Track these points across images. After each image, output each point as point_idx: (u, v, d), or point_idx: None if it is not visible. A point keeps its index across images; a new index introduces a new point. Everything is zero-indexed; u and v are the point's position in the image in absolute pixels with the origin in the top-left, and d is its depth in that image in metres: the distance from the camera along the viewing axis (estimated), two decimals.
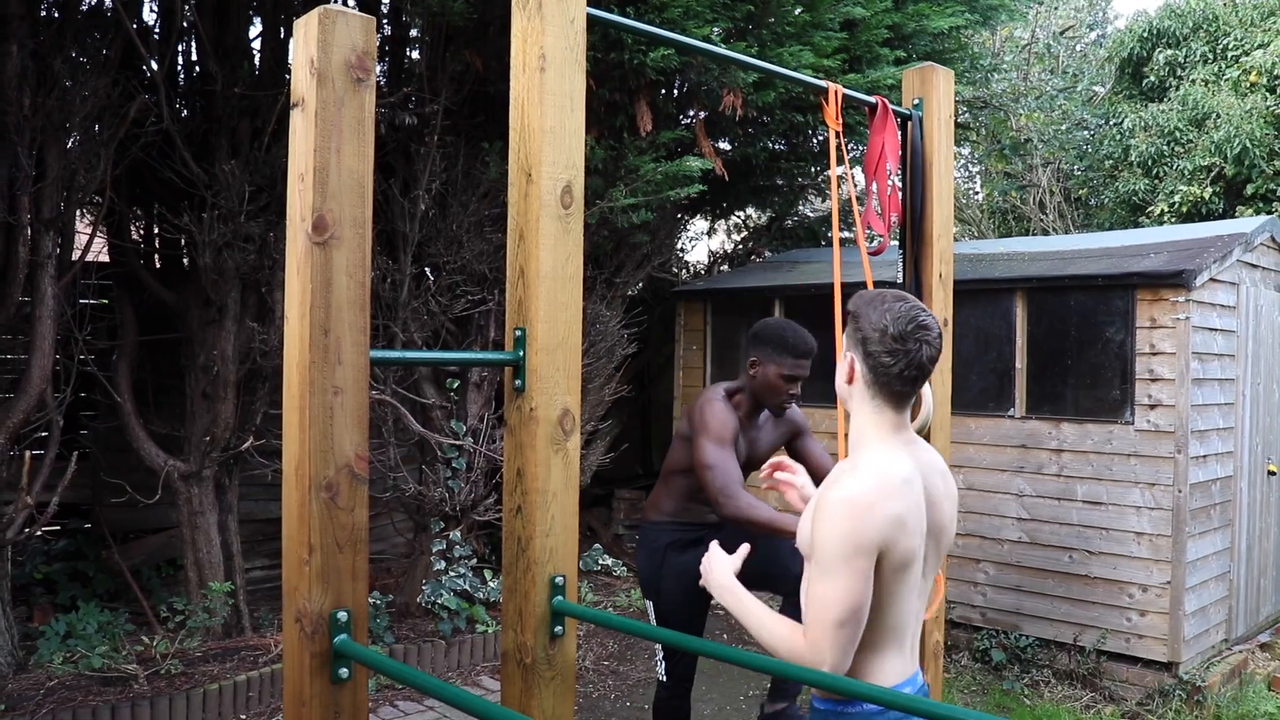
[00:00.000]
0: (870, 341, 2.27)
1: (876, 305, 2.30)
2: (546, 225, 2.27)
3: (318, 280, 2.00)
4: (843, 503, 2.16)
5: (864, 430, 2.33)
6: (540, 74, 2.27)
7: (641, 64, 6.04)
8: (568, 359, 2.32)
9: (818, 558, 2.17)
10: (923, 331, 2.26)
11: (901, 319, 2.25)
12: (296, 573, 2.05)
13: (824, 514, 2.18)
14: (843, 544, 2.13)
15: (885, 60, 7.38)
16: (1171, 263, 6.30)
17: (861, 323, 2.30)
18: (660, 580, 4.13)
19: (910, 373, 2.26)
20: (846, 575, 2.12)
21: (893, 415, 2.32)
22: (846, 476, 2.22)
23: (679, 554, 4.11)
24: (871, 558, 2.14)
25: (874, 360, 2.27)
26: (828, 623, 2.14)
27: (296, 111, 2.07)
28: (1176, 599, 6.14)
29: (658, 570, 4.14)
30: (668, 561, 4.12)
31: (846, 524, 2.13)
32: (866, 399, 2.33)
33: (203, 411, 6.43)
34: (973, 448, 6.94)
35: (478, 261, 6.66)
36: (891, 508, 2.17)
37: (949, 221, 3.92)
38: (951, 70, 3.99)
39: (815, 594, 2.17)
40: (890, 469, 2.24)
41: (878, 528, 2.14)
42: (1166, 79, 13.81)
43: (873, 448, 2.30)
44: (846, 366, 2.36)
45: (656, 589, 4.15)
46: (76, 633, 6.02)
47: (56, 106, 5.50)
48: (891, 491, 2.19)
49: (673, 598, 4.11)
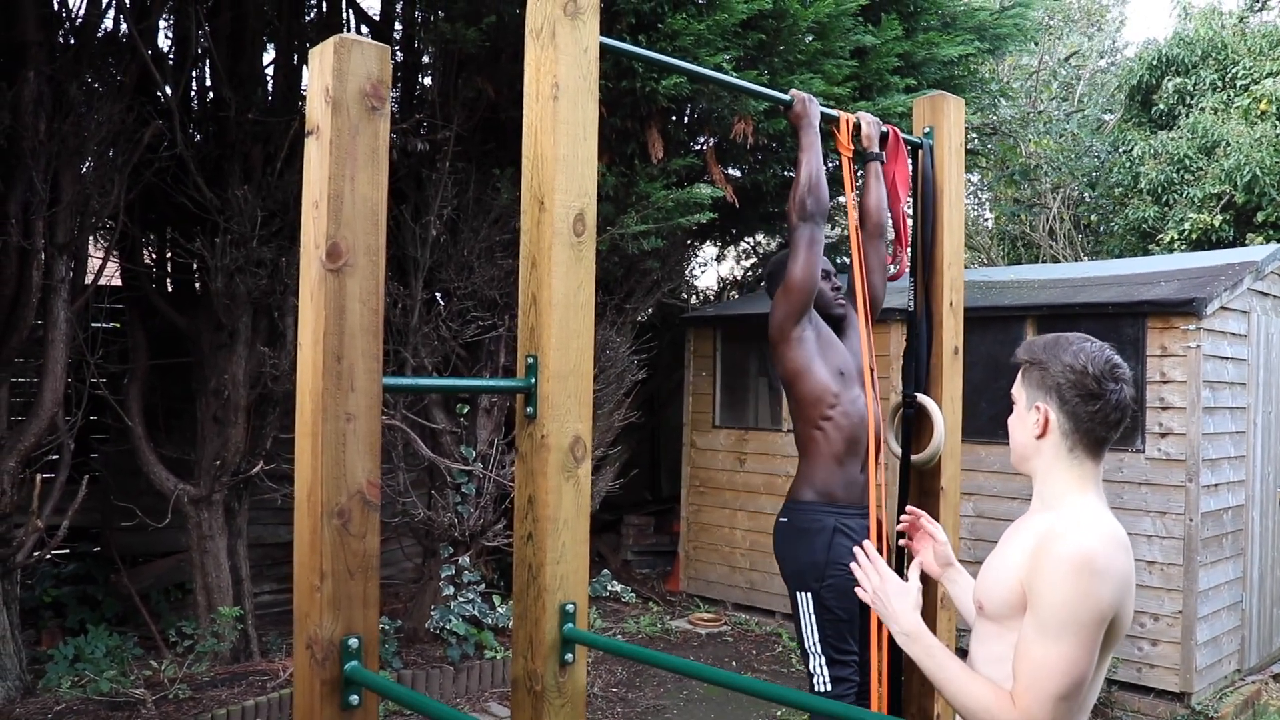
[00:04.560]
0: (1066, 387, 2.11)
1: (1065, 348, 2.14)
2: (559, 253, 2.27)
3: (331, 307, 2.01)
4: (1077, 559, 1.95)
5: (1064, 484, 2.13)
6: (553, 103, 2.28)
7: (653, 91, 6.06)
8: (579, 386, 2.32)
9: (1043, 619, 1.96)
10: (1120, 370, 2.11)
11: (1097, 359, 2.10)
12: (308, 599, 2.05)
13: (1052, 569, 1.97)
14: (1078, 608, 1.94)
15: (895, 88, 7.40)
16: (1182, 290, 6.29)
17: (1051, 369, 2.14)
18: (826, 568, 3.70)
19: (1115, 416, 2.10)
20: (1076, 643, 1.94)
21: (1092, 467, 2.13)
22: (1073, 529, 2.01)
23: (846, 539, 3.73)
24: (1104, 625, 1.97)
25: (1072, 406, 2.10)
26: (1048, 694, 1.94)
27: (311, 139, 2.08)
28: (1188, 628, 6.10)
29: (823, 556, 3.71)
30: (835, 547, 3.71)
31: (1084, 584, 1.94)
32: (1063, 452, 2.13)
33: (213, 435, 6.44)
34: (983, 475, 6.92)
35: (488, 287, 6.68)
36: (1123, 567, 2.00)
37: (960, 250, 3.93)
38: (962, 99, 4.00)
39: (1033, 659, 1.96)
40: (1113, 525, 2.06)
41: (1114, 590, 1.96)
42: (1176, 107, 13.83)
43: (1078, 499, 2.11)
44: (1041, 419, 2.15)
45: (819, 578, 3.71)
46: (85, 656, 6.02)
47: (72, 132, 5.54)
48: (1121, 549, 2.02)
49: (840, 588, 3.67)
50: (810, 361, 3.79)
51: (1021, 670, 1.99)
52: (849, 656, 3.70)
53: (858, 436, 3.80)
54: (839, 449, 3.79)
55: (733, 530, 8.53)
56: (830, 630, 3.69)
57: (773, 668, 7.18)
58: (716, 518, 8.68)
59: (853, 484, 3.81)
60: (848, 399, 3.80)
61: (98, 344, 6.26)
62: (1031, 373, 2.19)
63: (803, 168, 3.65)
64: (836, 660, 3.68)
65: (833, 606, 3.68)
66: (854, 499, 3.81)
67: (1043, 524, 2.08)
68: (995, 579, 2.14)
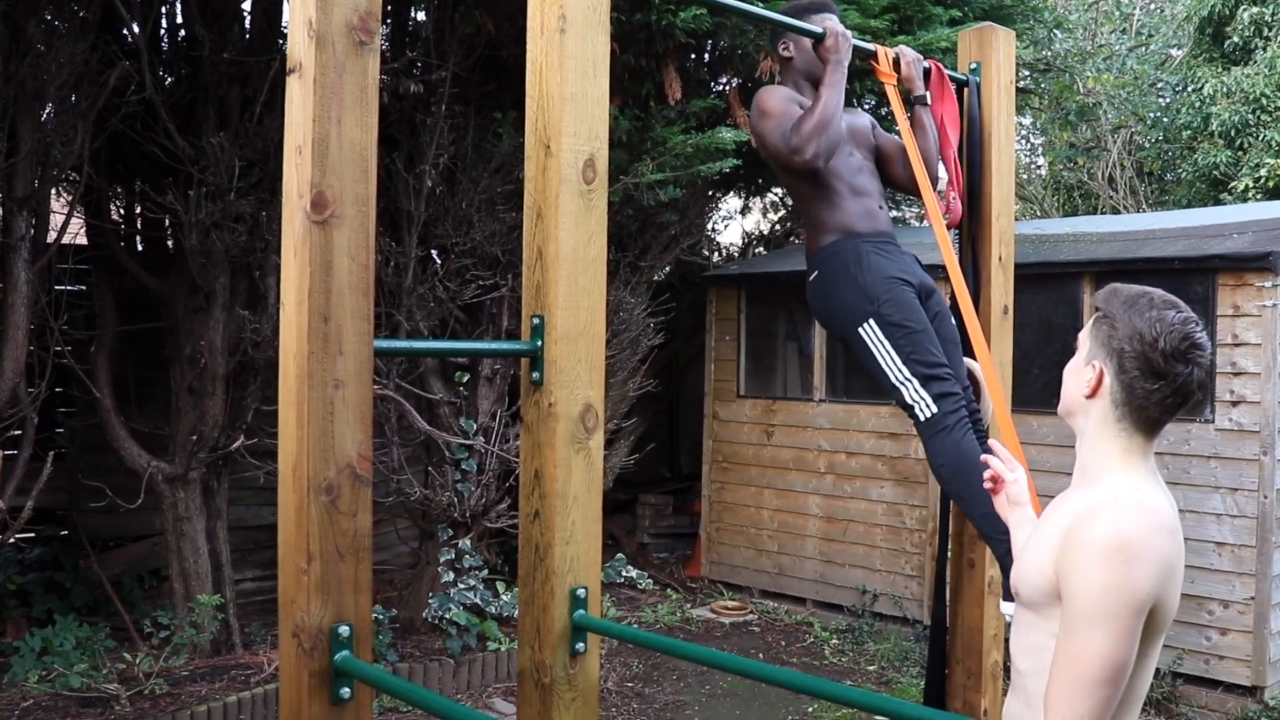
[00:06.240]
0: (1128, 355, 2.05)
1: (1142, 310, 2.06)
2: (567, 202, 2.27)
3: (317, 263, 2.01)
4: (1111, 543, 1.94)
5: (1107, 456, 2.11)
6: (560, 36, 2.27)
7: (670, 25, 6.03)
8: (590, 349, 2.32)
9: (1075, 609, 1.96)
10: (1197, 352, 2.03)
11: (1175, 333, 2.02)
12: (294, 583, 2.06)
13: (1083, 555, 1.96)
14: (1111, 596, 1.92)
15: (939, 20, 7.34)
16: (1257, 244, 6.25)
17: (1120, 328, 2.07)
18: (874, 286, 3.62)
19: (1174, 400, 2.05)
20: (1111, 632, 1.92)
21: (1142, 441, 2.10)
22: (1107, 510, 1.99)
23: (882, 257, 3.67)
24: (1141, 615, 1.94)
25: (1129, 378, 2.06)
26: (1085, 679, 1.92)
27: (293, 78, 2.08)
28: (1261, 616, 6.10)
29: (866, 277, 3.63)
30: (872, 265, 3.64)
31: (1118, 571, 1.93)
32: (1111, 421, 2.10)
33: (189, 408, 6.47)
34: (1035, 448, 6.90)
35: (489, 243, 6.67)
36: (1164, 551, 1.97)
37: (1010, 199, 3.91)
38: (1012, 31, 3.97)
39: (1068, 652, 1.96)
40: (1157, 503, 2.04)
41: (1152, 576, 1.94)
42: (1252, 40, 13.66)
43: (1120, 477, 2.08)
44: (1094, 378, 2.11)
45: (873, 299, 3.61)
46: (53, 649, 6.07)
47: (30, 74, 5.53)
48: (1163, 532, 1.99)
49: (898, 299, 3.61)
50: None
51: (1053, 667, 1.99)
52: (942, 369, 3.59)
53: (858, 184, 3.77)
54: (841, 189, 3.75)
55: (759, 510, 8.55)
56: (909, 345, 3.57)
57: (803, 659, 7.22)
58: (741, 496, 8.70)
59: (870, 215, 3.77)
60: (842, 154, 3.74)
61: (62, 308, 6.27)
62: (1101, 326, 2.13)
63: (820, 103, 3.58)
64: (930, 377, 3.56)
65: (900, 320, 3.58)
66: (878, 228, 3.77)
67: (1081, 503, 2.08)
68: (1030, 564, 2.14)
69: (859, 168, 3.81)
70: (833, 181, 3.72)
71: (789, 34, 3.80)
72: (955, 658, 3.91)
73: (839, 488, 7.89)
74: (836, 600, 7.99)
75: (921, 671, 6.23)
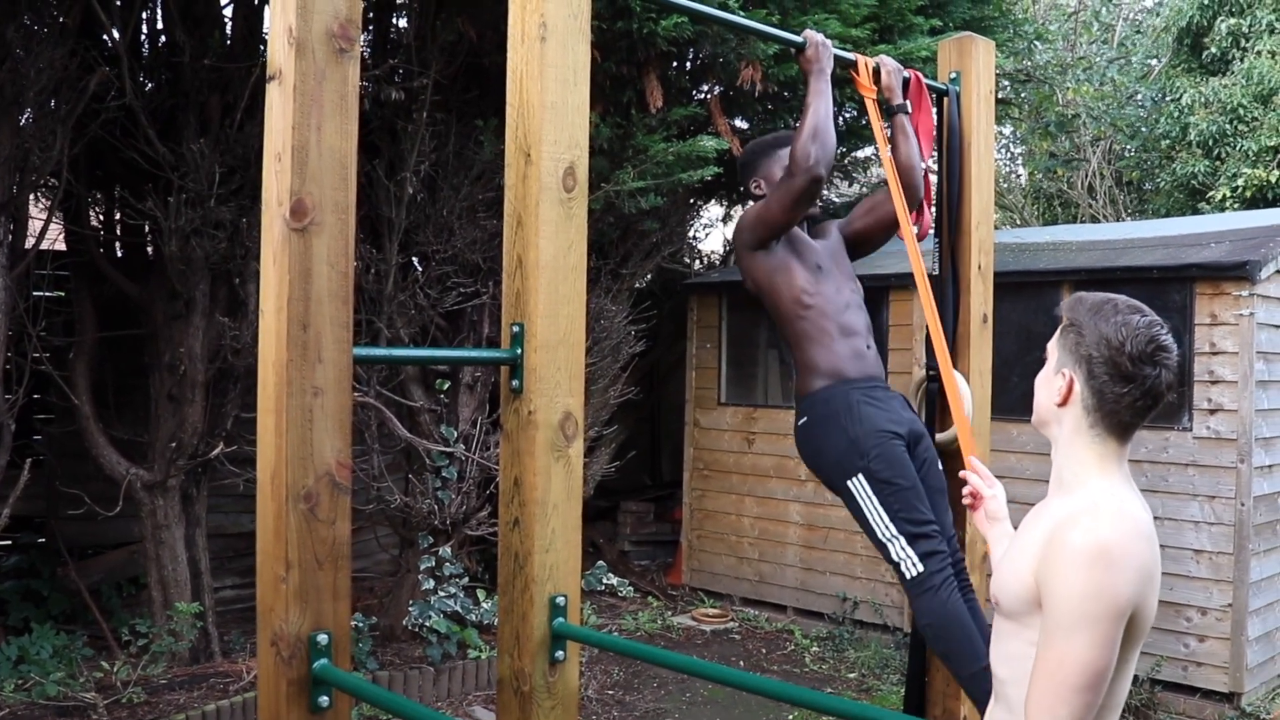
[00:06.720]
0: (1096, 361, 2.09)
1: (1107, 316, 2.11)
2: (547, 210, 2.27)
3: (296, 270, 2.01)
4: (1091, 550, 1.95)
5: (1082, 463, 2.15)
6: (540, 44, 2.27)
7: (651, 33, 6.04)
8: (570, 357, 2.32)
9: (1055, 615, 1.97)
10: (1163, 354, 2.07)
11: (1140, 337, 2.06)
12: (272, 591, 2.05)
13: (1064, 562, 1.98)
14: (1091, 602, 1.93)
15: (919, 30, 7.37)
16: (1234, 253, 6.28)
17: (1086, 335, 2.12)
18: (865, 440, 3.63)
19: (1144, 403, 2.08)
20: (1091, 638, 1.93)
21: (1116, 446, 2.13)
22: (1087, 517, 2.01)
23: (875, 407, 3.70)
24: (1122, 620, 1.95)
25: (1099, 383, 2.09)
26: (1065, 685, 1.93)
27: (273, 85, 2.07)
28: (1239, 623, 6.13)
29: (857, 429, 3.65)
30: (863, 416, 3.67)
31: (1097, 577, 1.94)
32: (1083, 427, 2.14)
33: (168, 415, 6.44)
34: (1014, 456, 6.92)
35: (470, 251, 6.67)
36: (1143, 557, 1.99)
37: (989, 208, 3.93)
38: (992, 41, 3.99)
39: (1048, 659, 1.97)
40: (1134, 510, 2.06)
41: (1131, 582, 1.96)
42: (1229, 50, 13.75)
43: (1097, 484, 2.11)
44: (1064, 386, 2.15)
45: (862, 453, 3.62)
46: (29, 658, 6.03)
47: (8, 80, 5.51)
48: (1142, 539, 2.01)
49: (889, 455, 3.62)
50: (786, 262, 3.80)
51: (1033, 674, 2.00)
52: (928, 526, 3.59)
53: (846, 322, 3.81)
54: (831, 330, 3.78)
55: (740, 518, 8.55)
56: (897, 503, 3.58)
57: (784, 667, 7.22)
58: (722, 504, 8.70)
59: (860, 357, 3.81)
60: (830, 288, 3.81)
61: (40, 314, 6.23)
62: (1068, 334, 2.18)
63: (809, 114, 3.61)
64: (917, 535, 3.56)
65: (889, 477, 3.59)
66: (867, 371, 3.80)
67: (1060, 510, 2.10)
68: (1009, 574, 2.15)
69: (846, 304, 3.84)
70: (822, 321, 3.77)
71: (760, 173, 3.91)
72: (935, 665, 3.92)
73: (820, 495, 7.88)
74: (817, 608, 7.99)
75: (902, 679, 6.24)
